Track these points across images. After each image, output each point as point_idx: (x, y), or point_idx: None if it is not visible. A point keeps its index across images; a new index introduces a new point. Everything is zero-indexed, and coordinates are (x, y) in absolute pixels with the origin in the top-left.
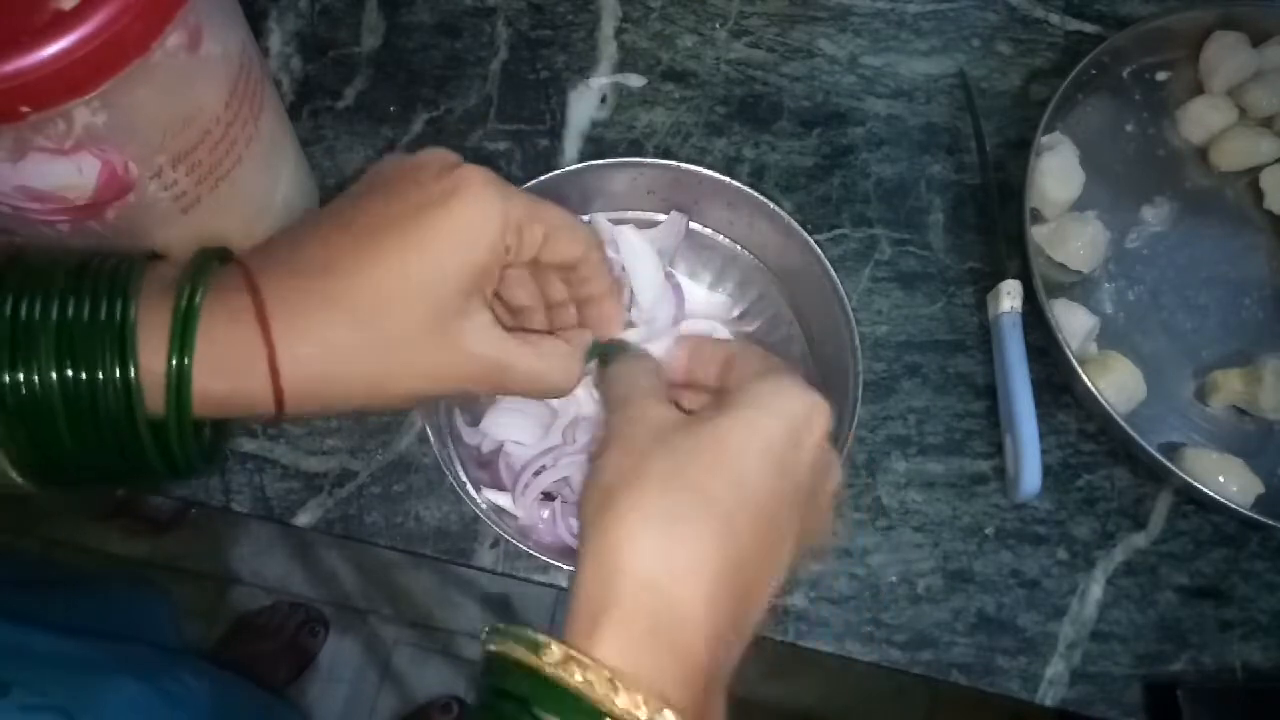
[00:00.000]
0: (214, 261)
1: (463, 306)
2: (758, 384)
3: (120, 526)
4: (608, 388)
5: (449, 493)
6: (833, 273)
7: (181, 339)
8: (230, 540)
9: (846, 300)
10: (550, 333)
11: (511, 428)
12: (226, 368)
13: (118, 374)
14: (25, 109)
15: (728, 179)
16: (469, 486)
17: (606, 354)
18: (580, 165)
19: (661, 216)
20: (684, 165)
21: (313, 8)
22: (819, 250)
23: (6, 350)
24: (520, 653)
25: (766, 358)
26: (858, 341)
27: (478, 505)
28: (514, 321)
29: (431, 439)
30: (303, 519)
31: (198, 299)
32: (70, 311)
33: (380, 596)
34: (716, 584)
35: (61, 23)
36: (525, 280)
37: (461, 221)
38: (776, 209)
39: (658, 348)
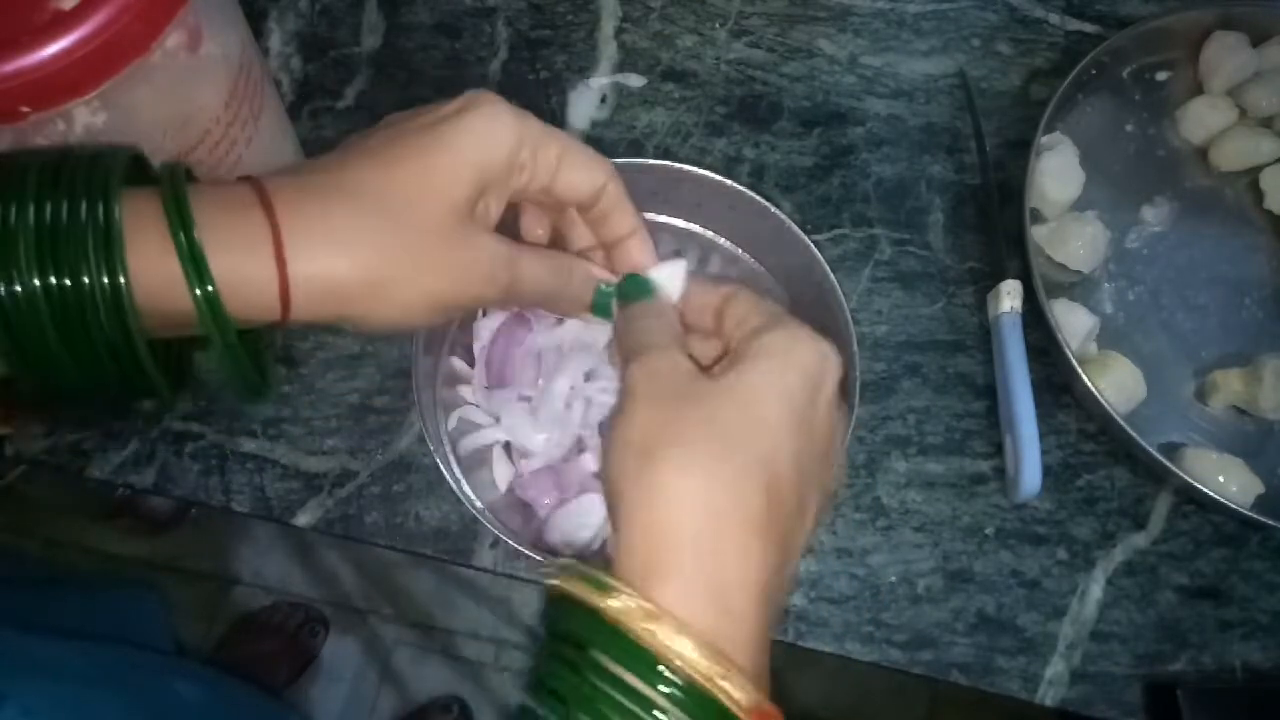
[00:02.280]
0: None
1: (474, 210)
2: (770, 335)
3: (120, 526)
4: (623, 335)
5: (449, 493)
6: (831, 274)
7: (183, 224)
8: (230, 540)
9: (845, 301)
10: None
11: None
12: (229, 253)
13: (105, 280)
14: (25, 109)
15: (726, 180)
16: (464, 484)
17: (627, 290)
18: None
19: (662, 218)
20: (682, 166)
21: (313, 8)
22: (817, 252)
23: None
24: (582, 592)
25: (763, 304)
26: (855, 346)
27: (473, 505)
28: None
29: (429, 442)
30: (303, 519)
31: (184, 192)
32: (48, 214)
33: (380, 596)
34: (761, 537)
35: (61, 23)
36: (543, 219)
37: (476, 127)
38: (775, 210)
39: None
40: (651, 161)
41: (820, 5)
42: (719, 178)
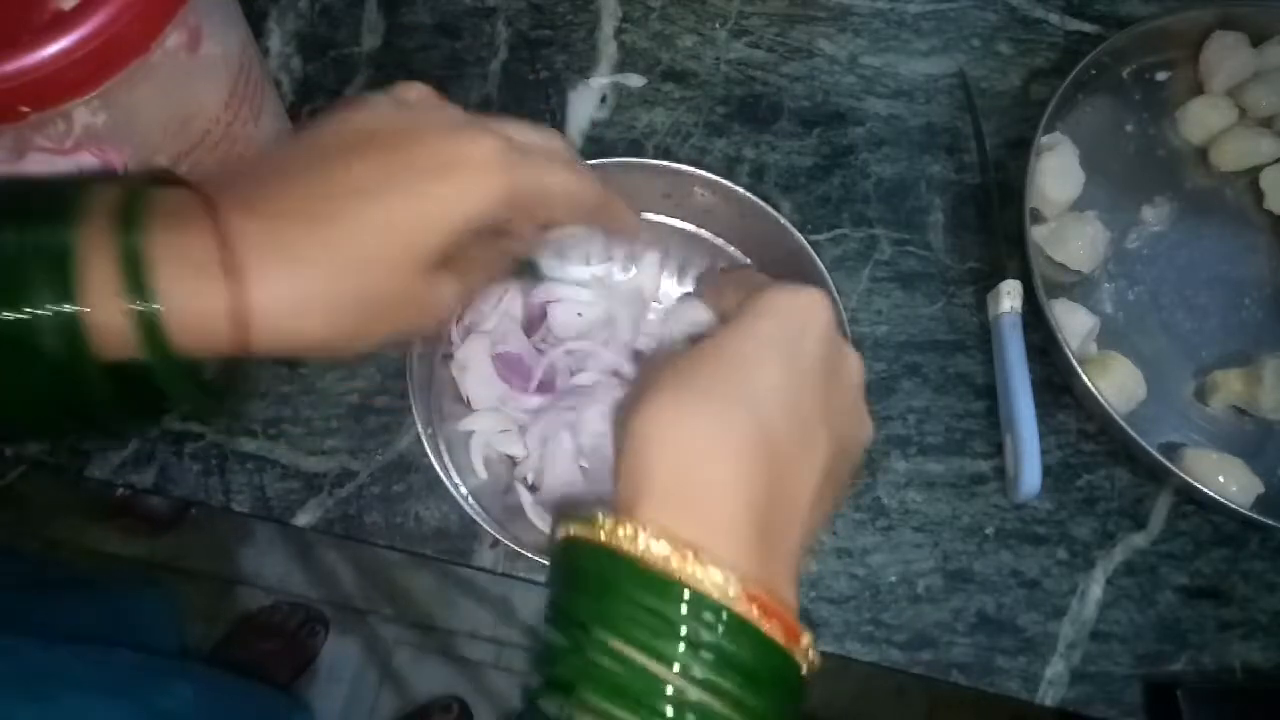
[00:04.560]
0: (152, 191)
1: (436, 266)
2: (751, 300)
3: (120, 526)
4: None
5: (449, 493)
6: (829, 276)
7: (136, 280)
8: (230, 540)
9: (839, 301)
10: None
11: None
12: (188, 323)
13: (53, 312)
14: (25, 109)
15: (721, 179)
16: (462, 487)
17: (522, 270)
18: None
19: (665, 219)
20: (680, 166)
21: (313, 8)
22: (814, 253)
23: None
24: (576, 529)
25: (755, 278)
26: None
27: (466, 501)
28: None
29: (426, 446)
30: (303, 519)
31: (140, 241)
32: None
33: (380, 596)
34: (746, 457)
35: (61, 23)
36: None
37: (462, 196)
38: (770, 209)
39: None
40: (648, 160)
41: (820, 5)
42: (711, 175)
